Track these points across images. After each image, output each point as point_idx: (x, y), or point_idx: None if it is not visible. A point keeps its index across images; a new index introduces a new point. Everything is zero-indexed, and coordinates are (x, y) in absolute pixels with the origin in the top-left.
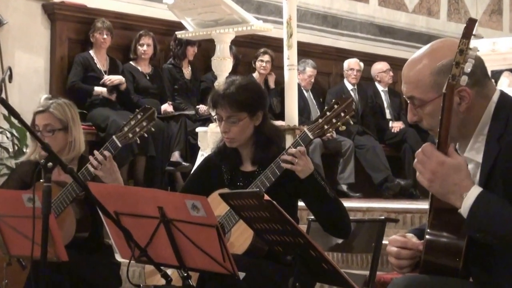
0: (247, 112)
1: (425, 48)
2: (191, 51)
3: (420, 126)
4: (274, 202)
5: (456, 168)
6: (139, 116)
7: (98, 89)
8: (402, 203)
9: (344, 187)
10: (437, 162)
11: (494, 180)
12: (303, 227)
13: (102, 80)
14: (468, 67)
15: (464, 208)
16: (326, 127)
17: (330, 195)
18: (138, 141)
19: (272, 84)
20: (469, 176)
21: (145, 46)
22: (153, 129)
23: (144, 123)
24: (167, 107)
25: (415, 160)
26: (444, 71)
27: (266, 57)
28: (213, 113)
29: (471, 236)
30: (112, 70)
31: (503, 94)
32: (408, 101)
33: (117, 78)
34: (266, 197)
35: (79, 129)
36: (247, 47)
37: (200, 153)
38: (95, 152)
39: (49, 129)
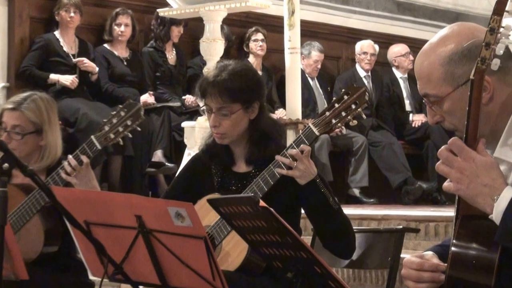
0: (241, 103)
1: (435, 36)
2: (176, 32)
3: (443, 127)
4: (272, 209)
5: (487, 167)
6: (122, 113)
7: (54, 76)
8: (424, 210)
9: (356, 192)
10: (466, 158)
11: None
12: (307, 239)
13: (75, 60)
14: (500, 49)
15: (496, 213)
16: (334, 121)
17: (333, 206)
18: (121, 143)
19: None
20: (501, 176)
21: (122, 26)
22: (139, 129)
23: (129, 122)
24: (147, 98)
25: (439, 161)
26: (456, 60)
27: (260, 35)
28: (201, 104)
29: (505, 247)
30: (82, 54)
31: None
32: (424, 100)
33: (90, 65)
34: (262, 203)
35: (56, 132)
36: (241, 27)
37: (186, 152)
38: (69, 157)
39: (18, 131)
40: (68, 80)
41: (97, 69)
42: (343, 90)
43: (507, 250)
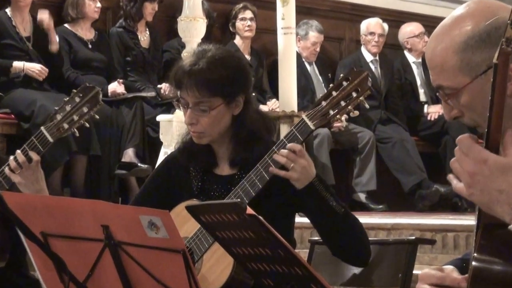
0: (222, 97)
1: (449, 16)
2: (150, 8)
3: (463, 123)
4: (261, 217)
5: (503, 169)
6: (77, 99)
7: (17, 64)
8: (441, 218)
9: (362, 196)
10: (476, 160)
11: None
12: (303, 252)
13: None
14: None
15: None
16: (332, 112)
17: (337, 210)
18: (77, 134)
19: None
20: None
21: (87, 3)
22: (97, 117)
23: (85, 109)
24: (116, 87)
25: (453, 159)
26: (473, 45)
27: (249, 13)
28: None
29: None
30: (38, 37)
31: None
32: (438, 94)
33: (36, 68)
34: (250, 210)
35: None
36: (226, 3)
37: (163, 150)
38: (17, 152)
39: None
40: (35, 69)
41: (44, 72)
42: (341, 75)
43: None
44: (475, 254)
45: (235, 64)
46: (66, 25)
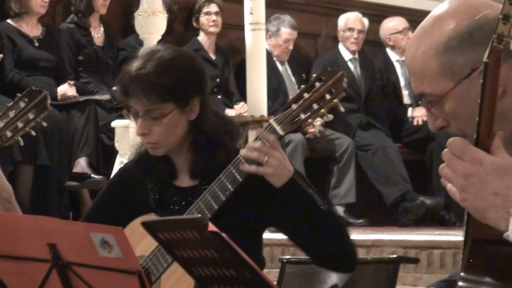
0: (175, 102)
1: (429, 15)
2: (101, 1)
3: (449, 133)
4: (224, 235)
5: (500, 170)
6: (22, 104)
7: None
8: (427, 234)
9: (340, 210)
10: (472, 160)
11: None
12: (274, 272)
13: None
14: None
15: None
16: (303, 116)
17: (322, 207)
18: (21, 143)
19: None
20: None
21: None
22: (44, 124)
23: (31, 115)
24: (67, 89)
25: (443, 163)
26: (454, 46)
27: (214, 7)
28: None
29: None
30: None
31: None
32: (420, 102)
33: None
34: (212, 227)
35: None
36: None
37: (118, 159)
38: None
39: None
40: None
41: None
42: (314, 75)
43: None
44: (462, 274)
45: (186, 64)
46: (9, 20)
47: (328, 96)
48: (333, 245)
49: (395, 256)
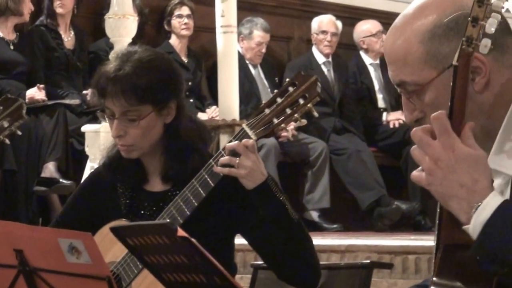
0: (153, 104)
1: (410, 6)
2: (58, 2)
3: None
4: (194, 240)
5: (469, 161)
6: None
7: None
8: (402, 239)
9: (314, 215)
10: (445, 144)
11: None
12: (246, 278)
13: None
14: (491, 26)
15: (475, 225)
16: (276, 121)
17: (292, 216)
18: None
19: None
20: (487, 177)
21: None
22: (19, 132)
23: (5, 123)
24: (35, 92)
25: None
26: (440, 35)
27: (186, 10)
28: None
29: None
30: None
31: None
32: (400, 91)
33: None
34: (181, 232)
35: None
36: None
37: (89, 164)
38: None
39: None
40: None
41: None
42: (287, 80)
43: None
44: (434, 278)
45: (164, 66)
46: None
47: (301, 101)
48: (297, 257)
49: (368, 261)
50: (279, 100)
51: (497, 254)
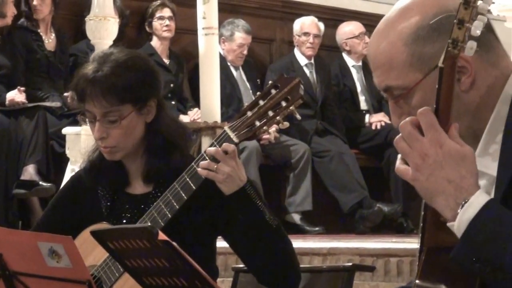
0: (133, 104)
1: (392, 9)
2: (36, 5)
3: None
4: (175, 244)
5: (457, 158)
6: None
7: None
8: (384, 241)
9: (296, 218)
10: (433, 140)
11: None
12: (227, 281)
13: None
14: (477, 28)
15: (460, 223)
16: (258, 123)
17: (270, 222)
18: None
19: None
20: (474, 174)
21: (9, 3)
22: None
23: None
24: (16, 95)
25: (398, 136)
26: (424, 36)
27: (167, 12)
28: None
29: None
30: None
31: None
32: (386, 96)
33: None
34: (162, 235)
35: None
36: (142, 0)
37: (69, 167)
38: None
39: None
40: None
41: None
42: (269, 82)
43: None
44: (417, 281)
45: (142, 66)
46: None
47: (284, 104)
48: (277, 262)
49: (350, 264)
50: (261, 102)
51: (481, 252)
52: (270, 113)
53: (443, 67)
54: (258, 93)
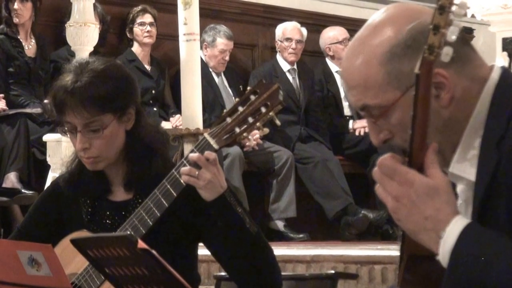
0: (113, 112)
1: (364, 25)
2: (15, 10)
3: (394, 145)
4: (154, 252)
5: (430, 192)
6: None
7: None
8: (369, 248)
9: (280, 225)
10: (401, 182)
11: (493, 205)
12: None
13: None
14: (452, 34)
15: (443, 254)
16: (238, 130)
17: (250, 229)
18: None
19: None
20: (450, 203)
21: None
22: None
23: None
24: None
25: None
26: (399, 53)
27: (148, 17)
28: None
29: None
30: None
31: (505, 73)
32: (363, 114)
33: None
34: (142, 244)
35: None
36: (119, 5)
37: (51, 174)
38: None
39: None
40: None
41: None
42: (248, 88)
43: None
44: None
45: (119, 74)
46: None
47: (263, 109)
48: (257, 270)
49: (333, 272)
50: (240, 108)
51: (468, 282)
52: (250, 119)
53: (419, 74)
54: (237, 99)
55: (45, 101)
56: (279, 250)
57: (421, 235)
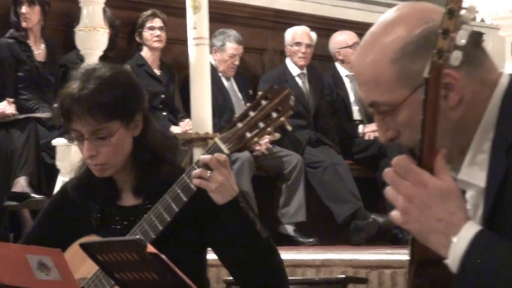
0: (120, 119)
1: (377, 22)
2: (23, 14)
3: (401, 144)
4: (163, 257)
5: (443, 195)
6: None
7: None
8: (378, 253)
9: (290, 229)
10: (416, 182)
11: (502, 212)
12: None
13: None
14: (461, 38)
15: (453, 259)
16: (249, 135)
17: (261, 234)
18: None
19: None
20: (462, 208)
21: None
22: None
23: None
24: (5, 107)
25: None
26: (410, 52)
27: (158, 22)
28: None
29: None
30: None
31: None
32: (372, 111)
33: None
34: (151, 248)
35: None
36: (131, 10)
37: (60, 178)
38: None
39: None
40: None
41: None
42: (259, 93)
43: None
44: None
45: (125, 80)
46: None
47: (274, 115)
48: (265, 275)
49: (343, 276)
50: (251, 113)
51: (478, 286)
52: (261, 125)
53: (428, 78)
54: (248, 104)
55: (55, 105)
56: (289, 255)
57: (430, 237)
